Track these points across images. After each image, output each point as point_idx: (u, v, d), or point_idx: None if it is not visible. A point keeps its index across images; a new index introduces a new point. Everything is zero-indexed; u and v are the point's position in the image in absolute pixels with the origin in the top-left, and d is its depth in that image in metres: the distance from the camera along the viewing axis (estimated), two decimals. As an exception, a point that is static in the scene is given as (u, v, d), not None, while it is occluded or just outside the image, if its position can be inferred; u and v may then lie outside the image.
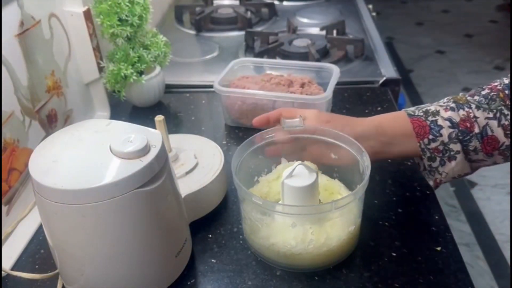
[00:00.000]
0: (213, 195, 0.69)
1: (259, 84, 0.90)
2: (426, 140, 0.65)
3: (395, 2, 4.21)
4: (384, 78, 1.03)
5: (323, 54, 1.13)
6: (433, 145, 0.65)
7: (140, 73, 0.92)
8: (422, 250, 0.61)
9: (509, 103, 0.62)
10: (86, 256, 0.54)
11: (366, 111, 0.94)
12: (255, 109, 0.88)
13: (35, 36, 0.74)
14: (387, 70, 1.07)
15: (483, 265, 1.78)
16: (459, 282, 0.58)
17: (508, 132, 0.63)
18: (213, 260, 0.63)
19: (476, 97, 0.65)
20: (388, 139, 0.66)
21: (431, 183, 0.69)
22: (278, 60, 1.09)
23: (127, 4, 0.85)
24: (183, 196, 0.63)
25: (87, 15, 0.84)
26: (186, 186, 0.66)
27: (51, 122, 0.79)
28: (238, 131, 0.91)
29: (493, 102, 0.63)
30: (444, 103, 0.66)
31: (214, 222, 0.65)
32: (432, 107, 0.66)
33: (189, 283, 0.61)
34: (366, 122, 0.68)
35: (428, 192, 0.71)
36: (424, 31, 3.74)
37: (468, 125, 0.63)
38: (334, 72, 0.90)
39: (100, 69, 0.90)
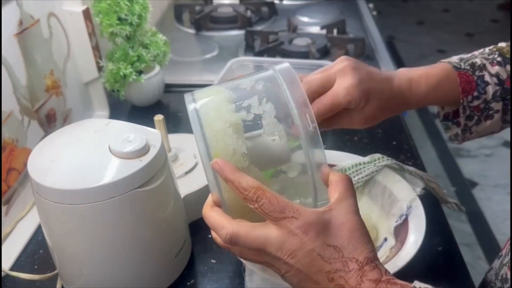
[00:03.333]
0: (213, 195, 0.69)
1: (259, 84, 0.89)
2: (470, 97, 0.59)
3: (395, 1, 4.20)
4: (385, 77, 1.03)
5: (324, 53, 1.13)
6: (475, 103, 0.59)
7: (140, 72, 0.92)
8: (423, 250, 0.61)
9: None
10: (85, 256, 0.53)
11: (367, 110, 0.94)
12: (255, 108, 0.88)
13: (34, 35, 0.74)
14: (388, 69, 1.07)
15: (484, 265, 1.78)
16: (460, 282, 0.58)
17: None
18: (213, 261, 0.63)
19: None
20: (432, 96, 0.59)
21: (455, 140, 0.65)
22: (276, 59, 1.09)
23: (127, 3, 0.85)
24: (182, 196, 0.63)
25: (86, 14, 0.84)
26: (185, 186, 0.66)
27: (50, 122, 0.78)
28: (238, 131, 0.91)
29: None
30: (489, 55, 0.61)
31: (214, 222, 0.65)
32: (477, 60, 0.60)
33: (188, 283, 0.60)
34: (408, 84, 0.58)
35: (429, 192, 0.71)
36: (425, 30, 3.73)
37: None
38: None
39: (99, 69, 0.90)
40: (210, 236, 0.67)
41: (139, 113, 0.97)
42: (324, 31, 1.23)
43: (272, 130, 0.43)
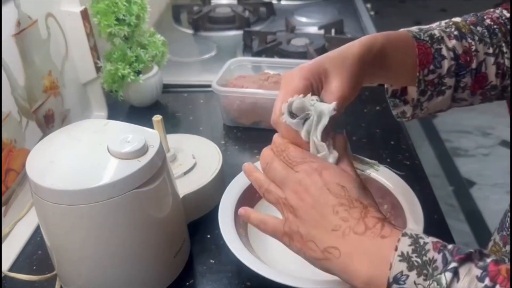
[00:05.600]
0: (211, 195, 0.69)
1: (257, 83, 0.89)
2: (425, 71, 0.56)
3: (393, 1, 4.21)
4: (383, 77, 1.03)
5: (322, 53, 1.12)
6: (430, 77, 0.57)
7: (138, 72, 0.92)
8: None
9: (509, 40, 0.58)
10: (84, 257, 0.53)
11: (365, 110, 0.94)
12: (254, 108, 0.88)
13: (32, 36, 0.74)
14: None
15: (482, 264, 1.78)
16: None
17: (500, 71, 0.58)
18: (211, 261, 0.63)
19: (479, 28, 0.58)
20: (388, 64, 0.56)
21: (402, 118, 0.62)
22: (274, 59, 1.09)
23: (125, 3, 0.85)
24: (181, 196, 0.63)
25: (84, 14, 0.84)
26: (184, 186, 0.66)
27: (48, 123, 0.78)
28: (236, 131, 0.91)
29: (494, 37, 0.58)
30: (446, 28, 0.59)
31: (213, 222, 0.65)
32: (436, 32, 0.58)
33: (187, 283, 0.60)
34: (365, 46, 0.54)
35: (427, 191, 0.71)
36: (422, 30, 3.74)
37: (468, 58, 0.57)
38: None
39: (98, 69, 0.90)
40: (208, 236, 0.67)
41: (138, 113, 0.97)
42: (322, 31, 1.23)
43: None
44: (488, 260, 0.39)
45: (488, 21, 0.60)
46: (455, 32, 0.58)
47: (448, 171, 2.32)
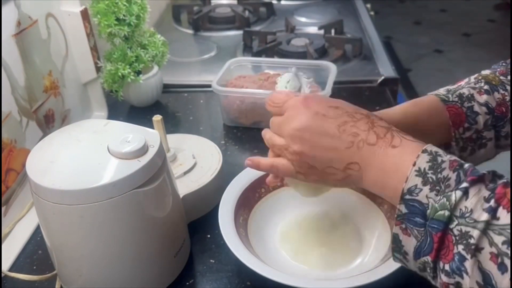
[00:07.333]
0: (211, 195, 0.69)
1: (257, 83, 0.90)
2: (461, 129, 0.58)
3: (393, 2, 4.21)
4: (383, 78, 1.03)
5: (321, 53, 1.13)
6: (467, 134, 0.58)
7: (138, 72, 0.92)
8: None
9: None
10: (84, 257, 0.53)
11: (365, 110, 0.94)
12: (254, 108, 0.88)
13: (32, 36, 0.74)
14: (386, 70, 1.07)
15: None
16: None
17: None
18: (211, 260, 0.63)
19: (509, 77, 0.60)
20: (423, 130, 0.57)
21: None
22: (274, 59, 1.09)
23: (125, 3, 0.85)
24: (181, 196, 0.63)
25: (85, 14, 0.84)
26: (184, 186, 0.66)
27: (48, 122, 0.78)
28: (236, 131, 0.91)
29: None
30: (475, 84, 0.60)
31: (213, 222, 0.65)
32: (465, 90, 0.59)
33: (187, 283, 0.60)
34: (398, 115, 0.58)
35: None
36: (422, 30, 3.74)
37: (504, 109, 0.58)
38: (332, 70, 0.90)
39: (98, 69, 0.90)
40: (209, 236, 0.67)
41: (138, 113, 0.97)
42: (321, 31, 1.24)
43: None
44: (499, 182, 0.41)
45: None
46: (485, 87, 0.59)
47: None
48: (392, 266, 0.53)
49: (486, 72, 0.62)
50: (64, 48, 0.84)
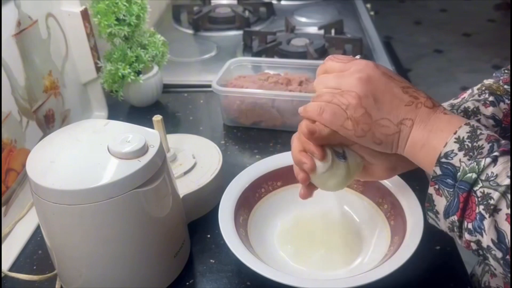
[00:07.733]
0: (211, 195, 0.69)
1: (257, 83, 0.90)
2: None
3: (393, 2, 4.21)
4: (383, 77, 1.03)
5: (321, 54, 1.13)
6: None
7: (138, 72, 0.92)
8: (421, 249, 0.61)
9: None
10: (84, 257, 0.53)
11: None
12: (254, 108, 0.88)
13: (32, 36, 0.74)
14: (386, 69, 1.07)
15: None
16: (458, 281, 0.58)
17: None
18: (211, 260, 0.63)
19: None
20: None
21: None
22: (274, 59, 1.09)
23: (125, 3, 0.85)
24: (181, 196, 0.63)
25: (85, 15, 0.84)
26: (184, 186, 0.66)
27: (48, 123, 0.78)
28: (236, 131, 0.91)
29: None
30: (480, 96, 0.59)
31: (213, 222, 0.65)
32: (469, 104, 0.58)
33: (187, 283, 0.60)
34: None
35: (427, 191, 0.71)
36: (422, 30, 3.74)
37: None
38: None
39: (98, 69, 0.90)
40: (208, 236, 0.67)
41: (138, 113, 0.97)
42: (322, 31, 1.24)
43: None
44: None
45: None
46: (490, 98, 0.58)
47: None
48: (392, 266, 0.53)
49: (489, 81, 0.61)
50: (64, 48, 0.85)
